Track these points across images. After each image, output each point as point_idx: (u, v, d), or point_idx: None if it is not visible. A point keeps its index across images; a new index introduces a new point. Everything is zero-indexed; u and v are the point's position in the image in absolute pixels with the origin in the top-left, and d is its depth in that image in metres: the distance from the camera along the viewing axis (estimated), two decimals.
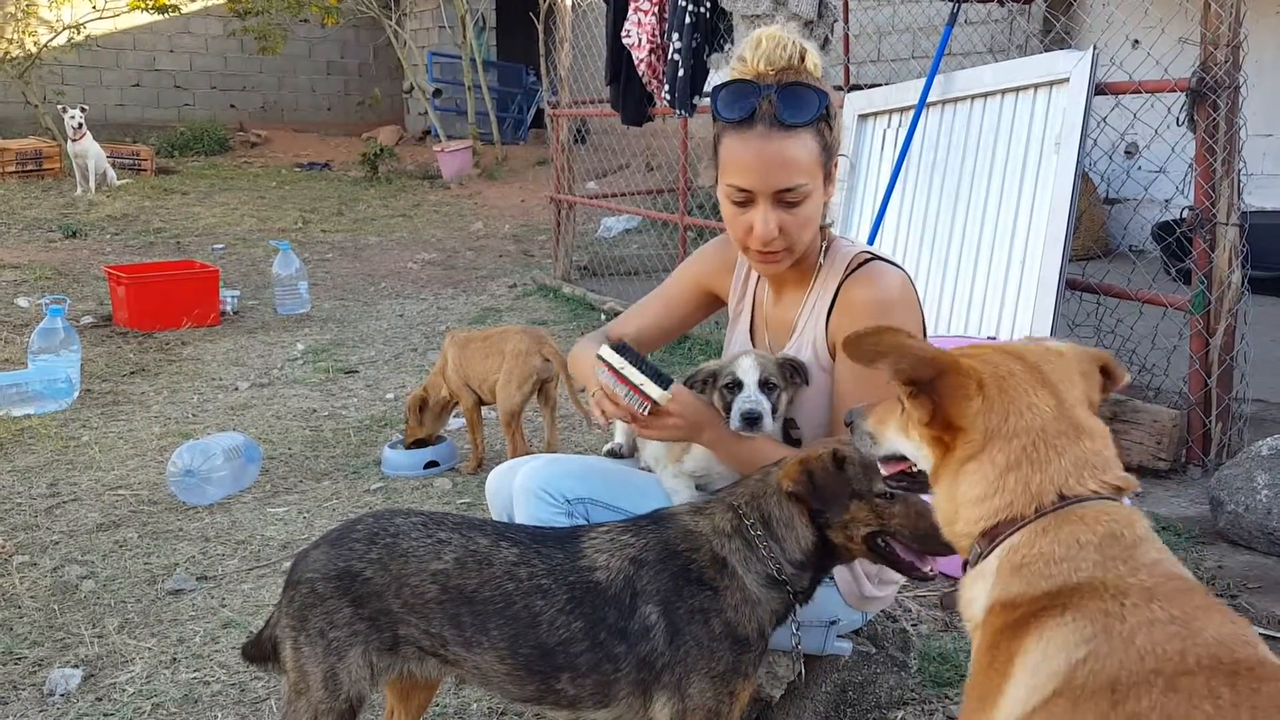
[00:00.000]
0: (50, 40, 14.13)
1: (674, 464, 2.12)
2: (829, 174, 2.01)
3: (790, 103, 1.90)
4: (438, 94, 15.68)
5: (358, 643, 1.80)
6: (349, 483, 4.04)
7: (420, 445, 4.21)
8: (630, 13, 6.08)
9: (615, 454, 2.36)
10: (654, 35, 5.99)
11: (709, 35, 5.67)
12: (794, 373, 2.04)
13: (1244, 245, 3.71)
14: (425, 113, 16.00)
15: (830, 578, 2.09)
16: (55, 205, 10.87)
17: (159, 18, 15.84)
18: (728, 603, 1.77)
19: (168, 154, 14.59)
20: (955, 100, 4.47)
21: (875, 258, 2.06)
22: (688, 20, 5.61)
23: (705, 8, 5.61)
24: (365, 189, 12.98)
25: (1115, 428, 3.83)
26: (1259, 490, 3.16)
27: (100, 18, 14.68)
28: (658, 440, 2.07)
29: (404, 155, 15.25)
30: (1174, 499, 3.61)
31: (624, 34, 6.13)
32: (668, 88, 5.80)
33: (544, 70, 12.65)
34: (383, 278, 8.34)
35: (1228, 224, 3.65)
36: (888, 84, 5.13)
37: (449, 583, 1.78)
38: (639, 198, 8.97)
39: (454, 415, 4.53)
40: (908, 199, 4.59)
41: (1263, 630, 2.71)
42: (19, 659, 2.74)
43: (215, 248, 9.21)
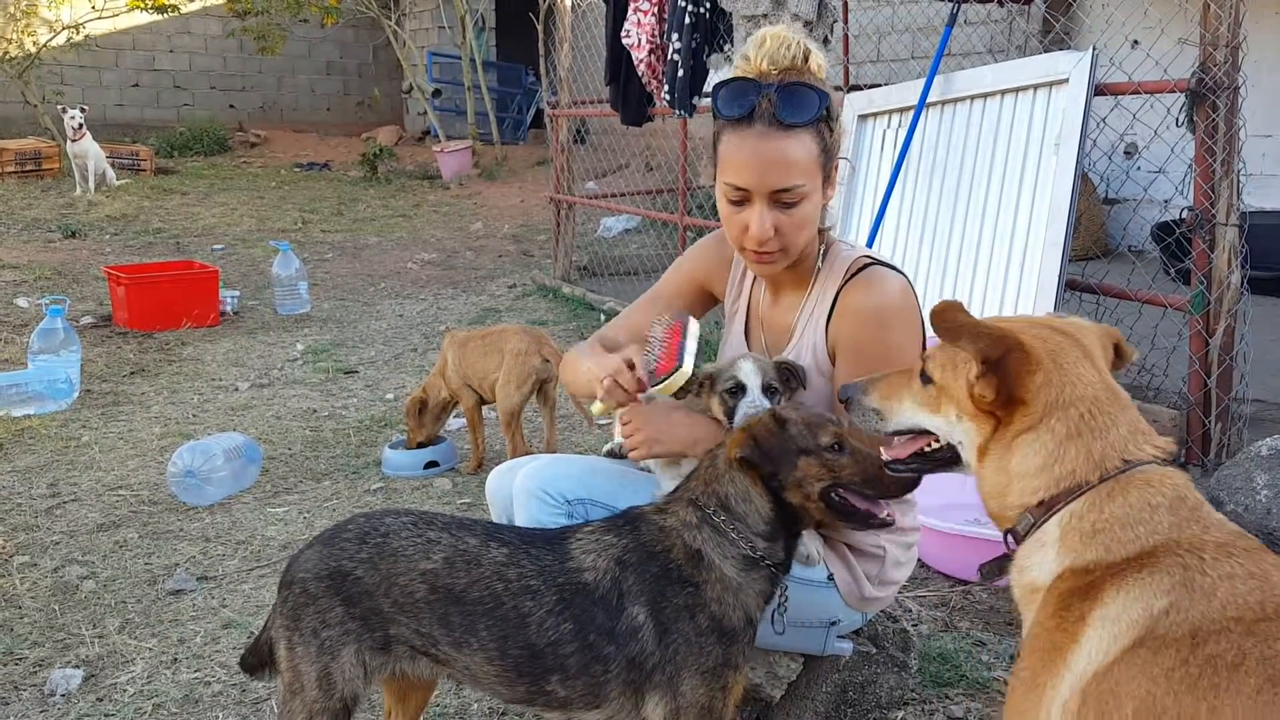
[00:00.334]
0: (50, 40, 14.12)
1: (672, 465, 2.12)
2: (828, 176, 2.00)
3: (790, 102, 1.90)
4: (437, 94, 15.67)
5: (350, 642, 1.80)
6: (349, 483, 4.04)
7: (423, 447, 4.21)
8: (630, 13, 6.08)
9: (615, 454, 2.36)
10: (654, 35, 5.99)
11: (709, 35, 5.67)
12: (791, 376, 2.04)
13: (1243, 245, 3.71)
14: (425, 113, 16.00)
15: (830, 578, 2.09)
16: (54, 205, 10.86)
17: (158, 18, 15.82)
18: (710, 595, 1.77)
19: (167, 154, 14.58)
20: (955, 101, 4.47)
21: (875, 262, 2.05)
22: (687, 20, 5.61)
23: (705, 8, 5.61)
24: (365, 189, 12.98)
25: None
26: (1258, 490, 3.16)
27: (99, 17, 14.66)
28: (650, 455, 2.02)
29: (403, 155, 15.25)
30: None
31: (623, 34, 6.13)
32: (667, 88, 5.80)
33: (543, 70, 12.65)
34: (382, 278, 8.34)
35: (1227, 224, 3.65)
36: (887, 84, 5.13)
37: (438, 582, 1.79)
38: (638, 198, 8.97)
39: (454, 415, 4.53)
40: (907, 199, 4.59)
41: None
42: (20, 659, 2.75)
43: (215, 248, 9.21)
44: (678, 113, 5.88)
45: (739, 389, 1.99)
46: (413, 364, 5.80)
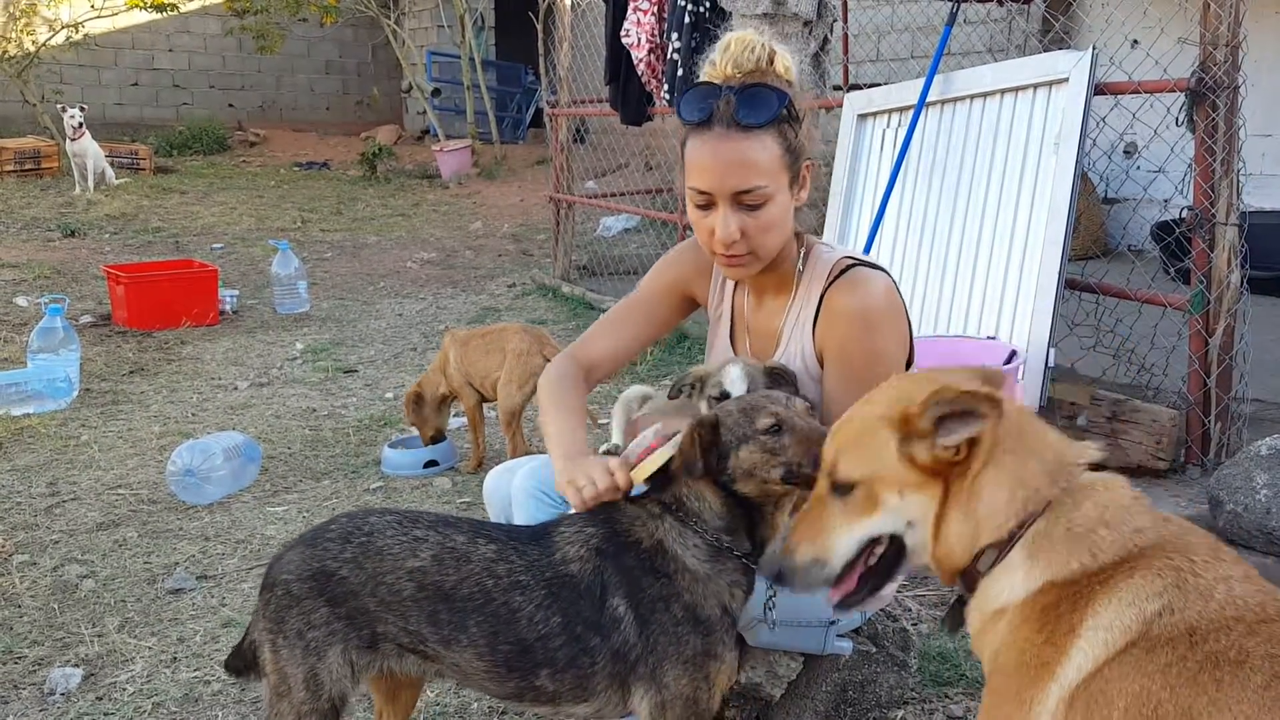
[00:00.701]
0: (49, 39, 14.11)
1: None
2: (797, 177, 1.97)
3: (748, 103, 1.88)
4: (436, 93, 15.67)
5: (336, 642, 1.80)
6: (348, 482, 4.04)
7: (436, 440, 4.21)
8: (629, 12, 6.08)
9: (612, 455, 2.36)
10: (653, 35, 5.99)
11: (708, 35, 5.67)
12: (781, 381, 2.02)
13: (1243, 245, 3.71)
14: (424, 112, 16.00)
15: None
16: (54, 204, 10.86)
17: (157, 17, 15.80)
18: (681, 585, 1.77)
19: (166, 153, 14.57)
20: (954, 100, 4.47)
21: (858, 262, 2.03)
22: (687, 20, 5.61)
23: (704, 7, 5.62)
24: (364, 188, 12.98)
25: (1114, 427, 3.84)
26: (1258, 490, 3.16)
27: (99, 16, 14.65)
28: None
29: (403, 155, 15.24)
30: (1173, 499, 3.61)
31: (623, 33, 6.13)
32: (667, 87, 5.80)
33: (543, 70, 12.63)
34: (382, 277, 8.34)
35: (1227, 224, 3.65)
36: (887, 84, 5.13)
37: (426, 580, 1.78)
38: (638, 197, 8.96)
39: (454, 415, 4.53)
40: (907, 199, 4.59)
41: None
42: (19, 658, 2.75)
43: (214, 247, 9.20)
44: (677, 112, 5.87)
45: (726, 396, 1.97)
46: (412, 363, 5.80)
